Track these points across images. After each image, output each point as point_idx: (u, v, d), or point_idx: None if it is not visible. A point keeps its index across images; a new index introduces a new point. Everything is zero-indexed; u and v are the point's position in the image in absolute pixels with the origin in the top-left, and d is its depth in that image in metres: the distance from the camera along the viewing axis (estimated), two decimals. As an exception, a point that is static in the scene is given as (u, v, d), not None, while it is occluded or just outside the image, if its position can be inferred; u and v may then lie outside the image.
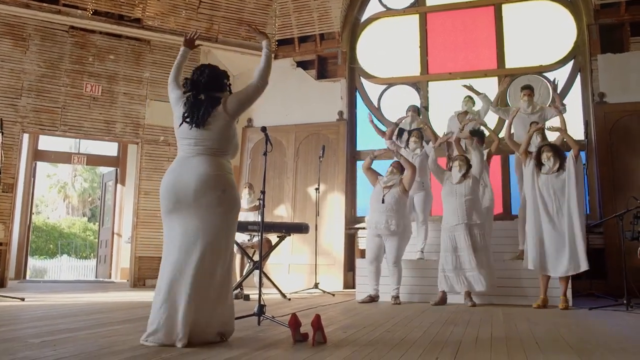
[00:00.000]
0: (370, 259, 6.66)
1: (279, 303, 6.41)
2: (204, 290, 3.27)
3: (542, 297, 6.00)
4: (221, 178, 3.41)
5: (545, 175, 6.18)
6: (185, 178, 3.36)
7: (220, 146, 3.46)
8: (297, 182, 9.81)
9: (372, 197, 6.79)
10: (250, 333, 3.87)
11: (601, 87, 8.55)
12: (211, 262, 3.31)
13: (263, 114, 9.98)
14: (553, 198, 6.07)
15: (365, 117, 8.04)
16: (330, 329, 4.06)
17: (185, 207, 3.34)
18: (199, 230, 3.32)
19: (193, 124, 3.44)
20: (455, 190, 6.44)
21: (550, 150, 6.22)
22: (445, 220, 6.48)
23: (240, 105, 3.53)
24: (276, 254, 8.77)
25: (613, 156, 8.20)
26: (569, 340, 3.68)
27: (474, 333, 3.98)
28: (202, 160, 3.40)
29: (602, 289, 7.35)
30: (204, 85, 3.51)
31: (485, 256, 6.24)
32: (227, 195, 3.41)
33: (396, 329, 4.14)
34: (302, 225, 7.24)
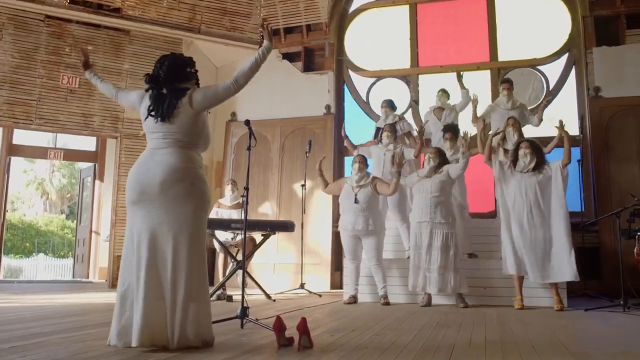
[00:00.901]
0: (351, 259, 6.59)
1: (264, 304, 6.31)
2: (173, 292, 3.16)
3: (519, 297, 5.92)
4: (190, 171, 3.31)
5: (519, 174, 6.09)
6: (152, 170, 3.26)
7: (189, 139, 3.36)
8: (283, 178, 9.70)
9: (342, 197, 6.68)
10: (233, 337, 3.75)
11: (596, 81, 8.52)
12: (180, 260, 3.19)
13: (247, 108, 9.87)
14: (525, 198, 5.98)
15: (354, 112, 7.97)
16: (316, 332, 3.96)
17: (150, 199, 3.23)
18: (165, 225, 3.21)
19: (158, 118, 3.34)
20: (423, 185, 6.33)
21: (529, 147, 6.11)
22: (412, 215, 6.44)
23: (206, 101, 3.39)
24: (261, 253, 8.64)
25: (609, 152, 8.17)
26: (566, 343, 3.60)
27: (467, 336, 3.90)
28: (170, 153, 3.30)
29: (596, 289, 7.33)
30: (164, 78, 3.41)
31: (446, 257, 6.09)
32: (196, 189, 3.31)
33: (386, 332, 4.05)
34: (287, 223, 7.14)
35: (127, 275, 3.24)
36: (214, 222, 6.82)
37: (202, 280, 3.30)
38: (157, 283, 3.17)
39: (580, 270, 5.83)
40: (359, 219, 6.42)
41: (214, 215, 7.71)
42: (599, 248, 7.87)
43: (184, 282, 3.18)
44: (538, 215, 5.94)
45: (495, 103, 7.72)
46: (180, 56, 3.58)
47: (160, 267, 3.19)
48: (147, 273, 3.15)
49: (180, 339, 3.14)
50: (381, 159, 7.24)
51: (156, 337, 3.14)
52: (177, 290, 3.17)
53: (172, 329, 3.15)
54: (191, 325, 3.18)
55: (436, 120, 7.70)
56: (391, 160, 7.11)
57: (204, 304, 3.31)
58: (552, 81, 9.07)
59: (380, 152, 7.30)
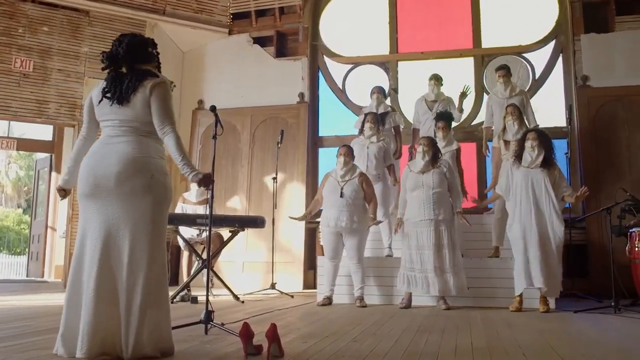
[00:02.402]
0: (330, 257, 6.40)
1: (231, 306, 6.10)
2: (129, 295, 2.97)
3: (519, 299, 5.78)
4: (150, 161, 3.13)
5: (525, 169, 5.85)
6: (107, 160, 3.07)
7: (149, 127, 3.16)
8: (253, 170, 9.50)
9: (326, 190, 6.46)
10: (196, 344, 3.55)
11: (584, 69, 8.44)
12: (137, 260, 3.01)
13: (215, 95, 9.65)
14: (532, 196, 5.75)
15: (329, 100, 7.77)
16: (288, 339, 3.77)
17: (105, 193, 3.04)
18: (121, 222, 3.03)
19: (114, 100, 3.14)
20: (422, 181, 6.10)
21: (536, 138, 5.85)
22: (409, 214, 6.17)
23: (155, 108, 3.15)
24: (229, 251, 8.48)
25: (597, 145, 8.09)
26: (558, 348, 3.47)
27: (451, 342, 3.74)
28: (128, 141, 3.12)
29: (583, 288, 7.25)
30: (124, 57, 3.22)
31: (451, 256, 5.94)
32: (156, 182, 3.12)
33: (364, 338, 3.87)
34: (257, 219, 6.92)
35: (76, 277, 3.05)
36: (177, 217, 6.61)
37: (161, 283, 3.13)
38: (110, 286, 3.00)
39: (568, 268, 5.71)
40: (342, 215, 6.22)
41: (179, 210, 7.47)
42: (586, 245, 7.80)
43: (142, 285, 3.00)
44: (540, 215, 5.70)
45: (492, 92, 7.60)
46: (140, 35, 3.41)
47: (114, 268, 3.01)
48: (99, 274, 2.97)
49: (136, 349, 2.95)
50: (364, 152, 7.03)
51: (107, 347, 2.96)
52: (133, 294, 2.99)
53: (126, 337, 2.96)
54: (148, 334, 2.99)
55: (426, 109, 7.55)
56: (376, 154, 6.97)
57: (164, 310, 3.13)
58: (538, 69, 8.99)
59: (363, 144, 7.10)
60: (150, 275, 3.03)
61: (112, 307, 2.98)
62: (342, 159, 6.42)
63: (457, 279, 5.91)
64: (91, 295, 2.93)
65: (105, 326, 2.95)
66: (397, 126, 7.69)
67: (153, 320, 3.01)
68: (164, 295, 3.14)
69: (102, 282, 2.96)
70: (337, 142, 8.96)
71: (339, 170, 6.44)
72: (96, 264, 2.98)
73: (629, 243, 5.81)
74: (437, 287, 5.88)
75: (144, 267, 3.01)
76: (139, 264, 3.01)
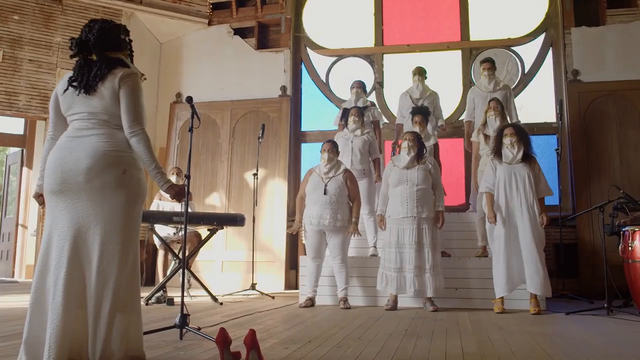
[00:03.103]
0: (313, 257, 6.26)
1: (209, 309, 5.94)
2: (98, 298, 2.82)
3: (501, 300, 5.70)
4: (122, 156, 2.97)
5: (507, 165, 5.79)
6: (76, 155, 2.90)
7: (120, 119, 3.00)
8: (233, 166, 9.32)
9: (309, 187, 6.33)
10: (169, 351, 3.40)
11: (575, 63, 8.35)
12: (108, 262, 2.85)
13: (194, 88, 9.47)
14: (516, 193, 5.68)
15: (312, 94, 7.63)
16: (268, 345, 3.63)
17: (74, 190, 2.88)
18: (92, 220, 2.86)
19: (81, 89, 2.98)
20: (407, 177, 5.99)
21: (514, 134, 5.80)
22: (390, 211, 6.05)
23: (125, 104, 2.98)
24: (208, 250, 8.39)
25: (588, 141, 8.00)
26: (552, 354, 3.37)
27: (441, 347, 3.62)
28: (97, 135, 2.95)
29: (573, 289, 7.18)
30: (94, 43, 3.04)
31: (432, 256, 5.84)
32: (129, 177, 2.96)
33: (348, 343, 3.74)
34: (236, 217, 6.76)
35: (42, 279, 2.88)
36: (153, 215, 6.43)
37: (133, 286, 2.97)
38: (79, 288, 2.84)
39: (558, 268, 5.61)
40: (326, 212, 6.10)
41: (155, 207, 7.31)
42: (576, 244, 7.72)
43: (112, 288, 2.84)
44: (528, 212, 5.62)
45: (476, 85, 7.52)
46: (112, 21, 3.22)
47: (84, 269, 2.86)
48: (67, 276, 2.81)
49: (104, 356, 2.80)
50: (348, 146, 6.91)
51: (74, 354, 2.82)
52: (102, 297, 2.83)
53: (93, 344, 2.81)
54: (117, 340, 2.84)
55: (411, 104, 7.42)
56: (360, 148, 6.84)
57: (135, 314, 2.97)
58: (527, 63, 8.88)
59: (347, 138, 6.98)
60: (121, 278, 2.87)
61: (80, 311, 2.84)
62: (326, 155, 6.29)
63: (435, 279, 5.82)
64: (59, 299, 2.77)
65: (73, 332, 2.80)
66: (376, 121, 7.57)
67: (123, 326, 2.86)
68: (135, 299, 2.98)
69: (71, 284, 2.81)
70: (320, 137, 8.85)
71: (322, 166, 6.30)
72: (64, 266, 2.82)
73: (622, 242, 5.71)
74: (414, 288, 5.78)
75: (114, 268, 2.86)
76: (109, 265, 2.85)
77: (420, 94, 7.50)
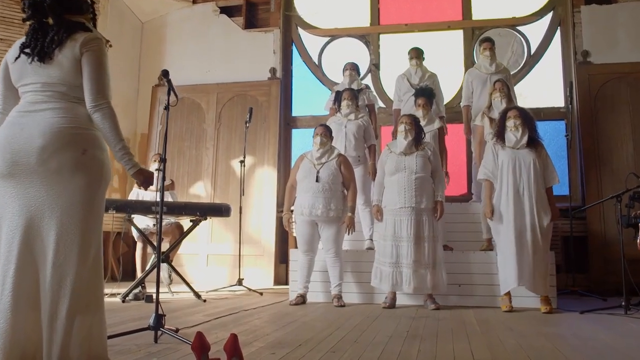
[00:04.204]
0: (304, 250, 5.97)
1: (191, 306, 5.63)
2: (54, 297, 2.51)
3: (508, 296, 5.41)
4: (81, 134, 2.66)
5: (511, 150, 5.49)
6: (28, 132, 2.59)
7: (80, 92, 2.69)
8: (219, 153, 8.99)
9: (300, 173, 6.03)
10: (141, 357, 3.09)
11: (585, 44, 8.04)
12: (65, 257, 2.54)
13: (177, 70, 9.07)
14: (520, 179, 5.39)
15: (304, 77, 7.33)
16: (253, 349, 3.31)
17: (25, 173, 2.57)
18: (46, 208, 2.56)
19: (34, 57, 2.66)
20: (404, 164, 5.70)
21: (519, 116, 5.51)
22: (386, 201, 5.76)
23: (88, 73, 2.68)
24: (192, 242, 8.12)
25: (598, 126, 7.69)
26: None
27: (448, 351, 3.31)
28: (53, 109, 2.65)
29: (583, 285, 6.90)
30: (51, 4, 2.72)
31: (431, 250, 5.56)
32: (90, 158, 2.65)
33: (344, 347, 3.42)
34: (221, 207, 6.43)
35: None
36: (131, 204, 6.09)
37: (95, 283, 2.67)
38: (31, 287, 2.55)
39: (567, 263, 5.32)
40: (318, 202, 5.79)
41: (134, 196, 6.97)
42: (586, 237, 7.42)
43: (70, 286, 2.54)
44: (530, 202, 5.33)
45: (475, 67, 7.23)
46: None
47: (37, 264, 2.56)
48: (17, 272, 2.52)
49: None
50: (342, 131, 6.61)
51: None
52: (59, 296, 2.52)
53: (49, 349, 2.50)
54: (77, 345, 2.53)
55: (409, 87, 7.13)
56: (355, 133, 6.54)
57: (98, 315, 2.66)
58: (534, 44, 8.56)
59: (340, 123, 6.68)
60: (81, 274, 2.56)
61: (33, 313, 2.54)
62: (318, 139, 5.98)
63: (435, 275, 5.55)
64: (7, 300, 2.49)
65: (25, 337, 2.51)
66: (371, 104, 7.31)
67: (84, 329, 2.55)
68: (98, 298, 2.67)
69: (21, 282, 2.52)
70: (312, 123, 8.53)
71: (314, 151, 5.99)
72: (14, 261, 2.52)
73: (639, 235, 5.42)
74: (411, 284, 5.51)
75: (73, 263, 2.55)
76: (67, 259, 2.54)
77: (419, 79, 7.21)
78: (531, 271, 5.20)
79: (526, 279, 5.21)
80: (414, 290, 5.54)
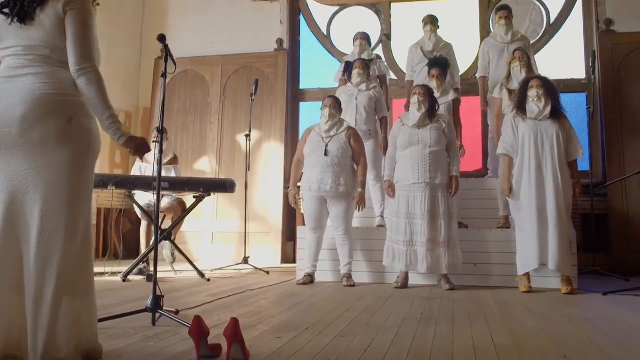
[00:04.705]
0: (312, 228, 5.79)
1: (194, 286, 5.47)
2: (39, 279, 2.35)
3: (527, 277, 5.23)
4: (67, 101, 2.47)
5: (532, 122, 5.26)
6: (8, 100, 2.41)
7: (65, 55, 2.50)
8: (224, 128, 8.83)
9: (308, 147, 5.84)
10: (136, 341, 2.92)
11: (608, 12, 7.75)
12: (51, 235, 2.37)
13: (181, 42, 8.91)
14: (542, 153, 5.17)
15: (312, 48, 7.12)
16: (256, 333, 3.14)
17: (6, 144, 2.39)
18: (30, 182, 2.38)
19: (14, 17, 2.47)
20: (418, 137, 5.48)
21: (541, 85, 5.26)
22: (399, 177, 5.56)
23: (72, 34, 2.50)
24: (197, 219, 8.01)
25: (622, 98, 7.43)
26: (605, 347, 2.87)
27: (466, 336, 3.13)
28: (35, 74, 2.46)
29: (603, 264, 6.69)
30: None
31: (447, 228, 5.36)
32: (77, 128, 2.47)
33: (354, 331, 3.25)
34: (225, 182, 6.25)
35: None
36: (131, 180, 5.92)
37: (84, 263, 2.51)
38: (14, 268, 2.39)
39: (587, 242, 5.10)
40: (327, 177, 5.59)
41: (137, 172, 6.79)
42: (607, 215, 7.20)
43: (57, 267, 2.37)
44: (554, 177, 5.12)
45: (490, 36, 6.99)
46: None
47: (21, 243, 2.39)
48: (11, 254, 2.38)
49: (48, 351, 2.32)
50: (352, 103, 6.40)
51: (12, 348, 2.38)
52: (45, 278, 2.36)
53: (34, 335, 2.33)
54: (65, 330, 2.37)
55: (422, 58, 6.91)
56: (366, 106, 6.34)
57: (87, 299, 2.51)
58: (553, 12, 8.30)
59: (351, 94, 6.46)
60: (68, 254, 2.40)
61: (17, 296, 2.39)
62: (327, 111, 5.78)
63: (451, 254, 5.36)
64: None
65: (8, 321, 2.37)
66: (383, 75, 7.09)
67: (72, 313, 2.39)
68: (87, 280, 2.51)
69: (4, 263, 2.37)
70: (320, 96, 8.31)
71: (323, 124, 5.79)
72: None
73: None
74: (426, 264, 5.32)
75: (59, 241, 2.38)
76: (53, 237, 2.37)
77: (433, 45, 6.99)
78: (555, 249, 5.00)
79: (550, 258, 5.02)
80: (428, 270, 5.36)
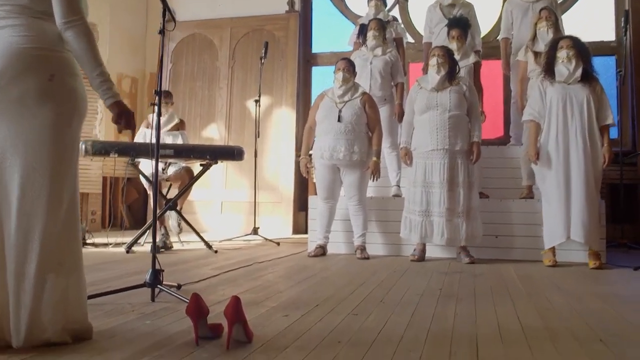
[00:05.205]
0: (324, 197, 5.60)
1: (201, 257, 5.30)
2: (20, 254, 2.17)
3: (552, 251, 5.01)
4: (48, 55, 2.26)
5: (561, 85, 4.98)
6: None
7: (47, 5, 2.28)
8: (233, 94, 8.66)
9: (320, 113, 5.61)
10: (132, 319, 2.73)
11: (641, -32, 7.43)
12: (32, 205, 2.19)
13: (186, 4, 8.70)
14: (572, 118, 4.89)
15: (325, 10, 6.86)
16: (262, 310, 2.95)
17: None
18: (8, 147, 2.19)
19: None
20: (436, 100, 5.23)
21: (572, 46, 4.97)
22: (417, 143, 5.33)
23: None
24: (205, 188, 7.92)
25: (654, 61, 7.15)
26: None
27: (490, 315, 2.91)
28: (13, 26, 2.24)
29: (631, 237, 6.46)
30: None
31: (466, 198, 5.15)
32: (59, 86, 2.26)
33: (368, 308, 3.04)
34: (233, 150, 6.04)
35: None
36: (134, 147, 5.70)
37: (70, 236, 2.32)
38: None
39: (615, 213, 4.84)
40: (340, 144, 5.37)
41: (141, 138, 6.57)
42: (636, 185, 6.95)
43: (40, 240, 2.19)
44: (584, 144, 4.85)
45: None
46: None
47: (1, 215, 2.21)
48: None
49: (31, 332, 2.17)
50: (367, 67, 6.17)
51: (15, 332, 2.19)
52: (27, 252, 2.18)
53: (17, 314, 2.17)
54: (50, 309, 2.20)
55: (442, 17, 6.62)
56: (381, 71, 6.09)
57: (75, 275, 2.32)
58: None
59: (365, 58, 6.23)
60: (52, 225, 2.22)
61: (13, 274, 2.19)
62: (340, 74, 5.52)
63: (470, 225, 5.15)
64: None
65: None
66: (399, 38, 6.84)
67: (57, 291, 2.21)
68: (74, 254, 2.32)
69: None
70: (333, 60, 7.97)
71: (336, 89, 5.55)
72: None
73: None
74: (443, 235, 5.13)
75: (42, 212, 2.20)
76: (35, 208, 2.19)
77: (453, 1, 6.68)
78: (584, 222, 4.75)
79: (578, 231, 4.78)
80: (446, 241, 5.15)
